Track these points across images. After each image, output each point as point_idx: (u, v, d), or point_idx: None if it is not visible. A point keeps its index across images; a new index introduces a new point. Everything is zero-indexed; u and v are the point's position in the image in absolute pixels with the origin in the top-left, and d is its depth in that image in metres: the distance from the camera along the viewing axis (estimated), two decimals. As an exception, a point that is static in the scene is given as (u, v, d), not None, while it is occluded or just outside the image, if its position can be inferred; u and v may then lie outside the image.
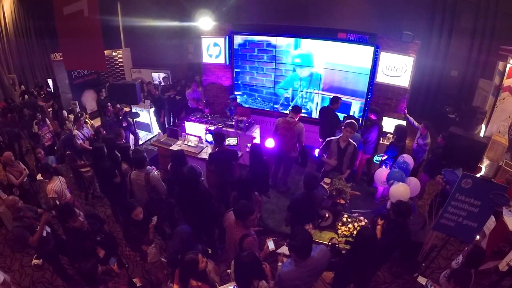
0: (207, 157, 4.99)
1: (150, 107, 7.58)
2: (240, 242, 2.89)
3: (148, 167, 4.26)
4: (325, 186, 4.28)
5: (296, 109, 5.11)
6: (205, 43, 7.05)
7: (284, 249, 3.61)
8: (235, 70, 7.15)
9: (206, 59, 7.21)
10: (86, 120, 6.51)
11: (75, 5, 4.01)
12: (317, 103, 6.66)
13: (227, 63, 7.05)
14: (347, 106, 6.33)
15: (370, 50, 5.71)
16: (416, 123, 5.64)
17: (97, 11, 3.94)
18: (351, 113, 6.36)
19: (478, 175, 5.19)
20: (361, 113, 6.32)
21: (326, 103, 6.32)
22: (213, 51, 7.01)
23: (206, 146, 5.66)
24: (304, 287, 2.63)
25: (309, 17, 8.02)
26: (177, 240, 2.76)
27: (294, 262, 2.58)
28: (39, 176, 5.12)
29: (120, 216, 5.18)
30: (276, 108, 7.13)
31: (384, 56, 5.64)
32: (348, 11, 8.00)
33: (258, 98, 7.23)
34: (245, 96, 7.35)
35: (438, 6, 7.98)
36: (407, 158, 4.61)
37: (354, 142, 4.40)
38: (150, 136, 7.93)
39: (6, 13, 10.35)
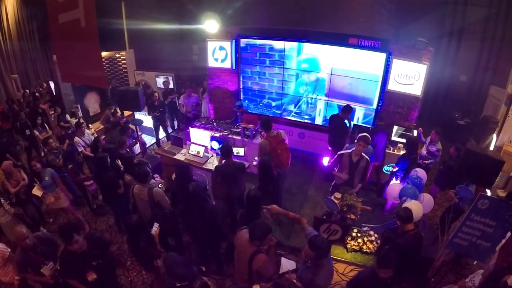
0: (213, 168, 4.84)
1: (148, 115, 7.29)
2: (250, 260, 2.76)
3: (153, 180, 4.12)
4: (335, 201, 4.14)
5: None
6: (210, 47, 6.81)
7: (286, 265, 3.49)
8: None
9: (211, 63, 6.96)
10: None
11: (71, 13, 3.60)
12: (320, 110, 6.48)
13: (233, 68, 6.82)
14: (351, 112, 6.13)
15: (381, 56, 5.52)
16: (423, 138, 5.51)
17: (94, 21, 3.59)
18: (355, 119, 6.21)
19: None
20: (365, 119, 6.16)
21: (333, 110, 6.17)
22: (219, 55, 6.78)
23: (212, 156, 5.44)
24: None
25: (315, 20, 7.80)
26: (171, 276, 2.65)
27: (313, 266, 2.71)
28: (34, 190, 4.88)
29: (123, 227, 5.08)
30: (278, 113, 6.94)
31: (396, 63, 5.44)
32: (356, 15, 7.77)
33: (260, 104, 7.03)
34: (246, 101, 7.14)
35: (448, 10, 7.80)
36: (421, 173, 4.45)
37: (366, 156, 4.24)
38: (154, 141, 7.77)
39: (9, 15, 10.15)
